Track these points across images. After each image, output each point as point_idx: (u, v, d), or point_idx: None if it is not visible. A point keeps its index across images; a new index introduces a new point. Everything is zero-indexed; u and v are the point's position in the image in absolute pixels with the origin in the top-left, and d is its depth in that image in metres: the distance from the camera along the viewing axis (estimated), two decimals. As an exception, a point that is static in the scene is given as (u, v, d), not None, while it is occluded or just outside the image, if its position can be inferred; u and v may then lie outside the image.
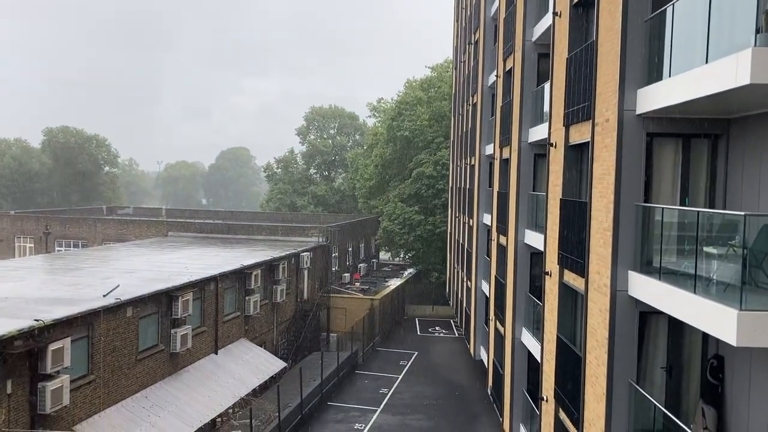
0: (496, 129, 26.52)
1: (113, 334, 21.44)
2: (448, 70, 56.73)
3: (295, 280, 38.39)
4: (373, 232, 55.67)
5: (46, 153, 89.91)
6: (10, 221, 49.39)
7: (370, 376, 34.83)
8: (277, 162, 77.21)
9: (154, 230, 47.04)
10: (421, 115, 53.29)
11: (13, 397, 17.12)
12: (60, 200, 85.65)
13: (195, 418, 22.98)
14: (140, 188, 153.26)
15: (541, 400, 17.38)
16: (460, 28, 44.30)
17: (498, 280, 25.23)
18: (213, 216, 60.38)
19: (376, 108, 65.38)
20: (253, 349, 31.29)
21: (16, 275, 27.29)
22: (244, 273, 31.28)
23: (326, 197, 71.94)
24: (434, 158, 51.11)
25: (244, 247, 40.01)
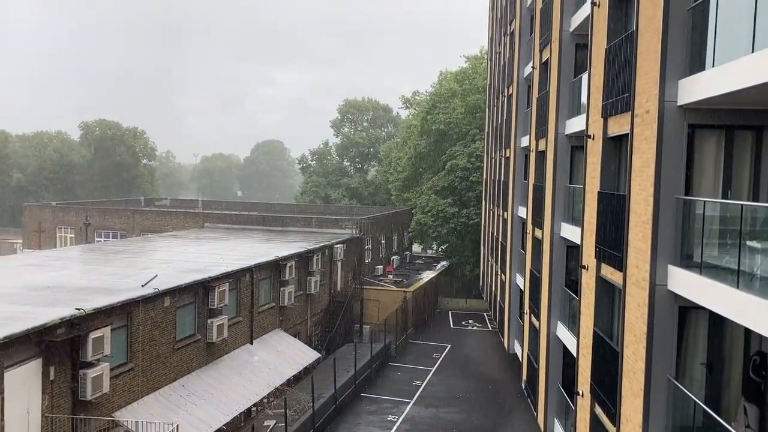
0: (532, 121, 26.23)
1: (151, 324, 21.84)
2: (482, 62, 56.25)
3: (329, 271, 38.61)
4: (406, 224, 55.63)
5: (85, 146, 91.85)
6: (52, 212, 50.60)
7: (403, 368, 34.89)
8: (312, 154, 77.64)
9: (191, 222, 47.72)
10: (456, 107, 52.98)
11: (55, 383, 17.58)
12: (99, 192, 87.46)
13: (231, 407, 23.30)
14: (177, 180, 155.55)
15: (577, 395, 17.20)
16: (496, 19, 43.86)
17: (533, 274, 25.01)
18: (248, 208, 61.00)
19: (409, 101, 65.22)
20: (287, 339, 31.59)
21: (58, 265, 27.96)
22: (279, 264, 31.56)
23: (360, 189, 72.12)
24: (468, 150, 50.81)
25: (278, 239, 40.36)
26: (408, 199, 57.15)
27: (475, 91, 54.02)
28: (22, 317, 17.54)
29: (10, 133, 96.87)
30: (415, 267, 52.95)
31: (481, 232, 48.68)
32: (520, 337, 29.41)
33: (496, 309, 38.47)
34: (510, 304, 31.84)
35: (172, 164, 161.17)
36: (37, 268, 26.66)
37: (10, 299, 20.08)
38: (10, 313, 18.15)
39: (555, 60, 21.28)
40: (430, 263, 55.10)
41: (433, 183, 52.07)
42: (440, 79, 58.22)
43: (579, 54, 20.41)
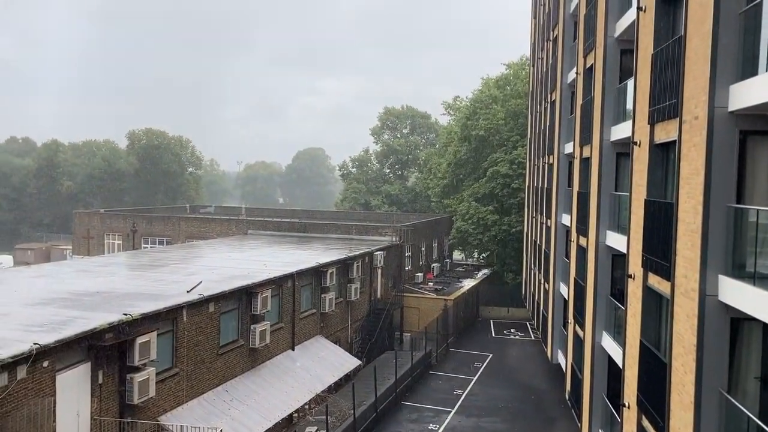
0: (576, 127, 25.89)
1: (196, 329, 22.18)
2: (524, 68, 55.80)
3: (369, 278, 38.68)
4: (447, 231, 55.41)
5: (132, 154, 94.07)
6: (100, 219, 51.94)
7: (444, 377, 34.69)
8: (352, 161, 78.03)
9: (235, 228, 48.41)
10: (497, 113, 52.64)
11: (104, 387, 17.99)
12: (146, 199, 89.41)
13: (273, 412, 23.50)
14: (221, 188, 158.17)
15: (623, 407, 16.83)
16: (538, 25, 43.50)
17: (577, 283, 24.62)
18: (290, 215, 61.62)
19: (451, 106, 65.02)
20: (328, 346, 31.73)
21: (106, 271, 28.65)
22: (320, 271, 31.76)
23: (400, 196, 72.15)
24: (510, 157, 50.39)
25: (319, 246, 40.64)
26: (448, 206, 56.94)
27: (516, 96, 53.59)
28: (72, 322, 18.02)
29: (61, 142, 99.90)
30: (456, 275, 52.66)
31: (523, 240, 48.18)
32: (564, 346, 28.96)
33: (539, 318, 37.98)
34: (553, 313, 31.40)
35: (216, 172, 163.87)
36: (87, 274, 27.36)
37: (61, 304, 20.65)
38: (61, 317, 18.66)
39: (599, 66, 20.98)
40: (471, 271, 54.74)
41: (474, 190, 51.75)
42: (482, 85, 57.93)
43: (624, 59, 20.09)
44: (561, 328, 30.38)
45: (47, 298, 21.52)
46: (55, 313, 19.32)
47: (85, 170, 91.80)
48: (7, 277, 26.47)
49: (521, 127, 51.77)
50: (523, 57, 57.76)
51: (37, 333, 16.68)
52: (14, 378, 15.01)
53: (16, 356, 14.98)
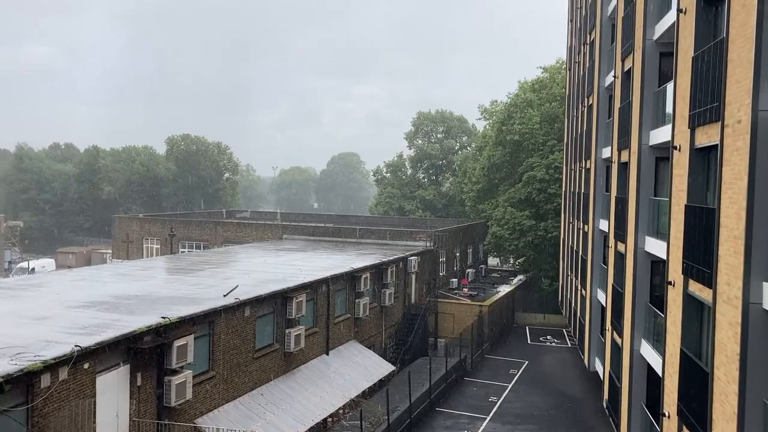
0: (614, 131, 25.50)
1: (232, 333, 22.41)
2: (560, 72, 55.22)
3: (403, 284, 38.63)
4: (482, 237, 55.05)
5: (170, 159, 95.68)
6: (139, 224, 52.91)
7: (478, 384, 34.41)
8: (386, 166, 78.09)
9: (270, 233, 48.84)
10: (532, 117, 52.17)
11: (142, 389, 18.28)
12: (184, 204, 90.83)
13: (307, 416, 23.59)
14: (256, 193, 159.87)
15: (663, 416, 16.48)
16: (575, 28, 43.02)
17: (615, 289, 24.22)
18: (324, 220, 61.95)
19: (487, 110, 64.63)
20: (362, 351, 31.75)
21: (145, 274, 29.15)
22: (354, 276, 31.82)
23: (434, 201, 71.94)
24: (546, 161, 49.87)
25: (353, 251, 40.74)
26: (483, 211, 56.57)
27: (552, 100, 53.04)
28: (112, 325, 18.37)
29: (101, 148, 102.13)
30: (491, 280, 52.27)
31: (560, 246, 47.60)
32: (602, 354, 28.49)
33: (575, 325, 37.44)
34: (591, 320, 30.92)
35: (252, 177, 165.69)
36: (126, 278, 27.88)
37: (101, 307, 21.07)
38: (102, 320, 19.04)
39: (638, 69, 20.64)
40: (507, 277, 54.28)
41: (510, 195, 51.33)
42: (518, 89, 57.50)
43: (663, 62, 19.73)
44: (598, 335, 29.90)
45: (88, 301, 21.98)
46: (95, 315, 19.72)
47: (124, 175, 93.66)
48: (49, 280, 27.13)
49: (558, 132, 51.21)
50: (560, 60, 57.19)
51: (79, 335, 17.05)
52: (56, 379, 15.35)
53: (58, 358, 15.32)
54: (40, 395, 14.91)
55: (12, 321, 18.84)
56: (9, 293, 23.38)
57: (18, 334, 17.21)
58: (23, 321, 18.87)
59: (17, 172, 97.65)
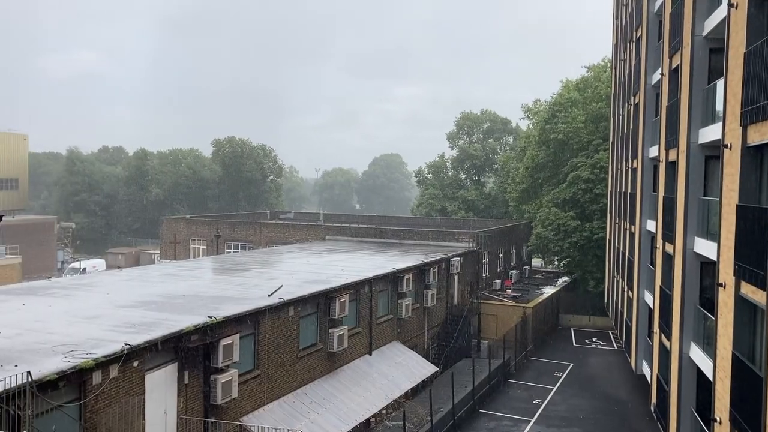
0: (662, 130, 24.96)
1: (277, 332, 22.68)
2: (605, 70, 54.30)
3: (446, 285, 38.50)
4: (525, 238, 54.47)
5: (216, 162, 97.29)
6: (186, 225, 53.97)
7: (522, 386, 34.08)
8: (428, 167, 77.89)
9: (313, 234, 49.27)
10: (577, 116, 51.42)
11: (189, 387, 18.65)
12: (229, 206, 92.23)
13: (351, 416, 23.72)
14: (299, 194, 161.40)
15: (714, 422, 16.05)
16: (620, 26, 42.26)
17: (663, 291, 23.70)
18: (366, 221, 62.16)
19: (530, 110, 63.93)
20: (405, 352, 31.76)
21: (191, 274, 29.72)
22: (397, 277, 31.86)
23: (476, 202, 71.47)
24: (591, 161, 49.09)
25: (395, 252, 40.79)
26: (526, 212, 55.97)
27: (597, 99, 52.19)
28: (160, 324, 18.79)
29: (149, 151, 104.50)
30: (535, 282, 51.69)
31: (605, 247, 46.80)
32: (649, 357, 27.90)
33: (622, 327, 36.76)
34: (637, 323, 30.32)
35: (295, 179, 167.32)
36: (173, 278, 28.47)
37: (150, 306, 21.57)
38: (150, 319, 19.49)
39: (686, 66, 20.17)
40: (551, 278, 53.60)
41: (554, 195, 50.67)
42: (562, 88, 56.75)
43: (713, 59, 19.23)
44: (646, 338, 29.31)
45: (137, 301, 22.52)
46: (144, 315, 20.20)
47: (171, 178, 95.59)
48: (100, 280, 27.89)
49: (603, 131, 50.37)
50: (605, 59, 56.24)
51: (128, 334, 17.49)
52: (107, 376, 15.77)
53: (109, 356, 15.75)
54: (92, 392, 15.35)
55: (65, 320, 19.44)
56: (62, 293, 24.12)
57: (71, 333, 17.75)
58: (76, 320, 19.45)
59: (69, 175, 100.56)
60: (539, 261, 61.99)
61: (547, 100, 59.99)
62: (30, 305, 21.43)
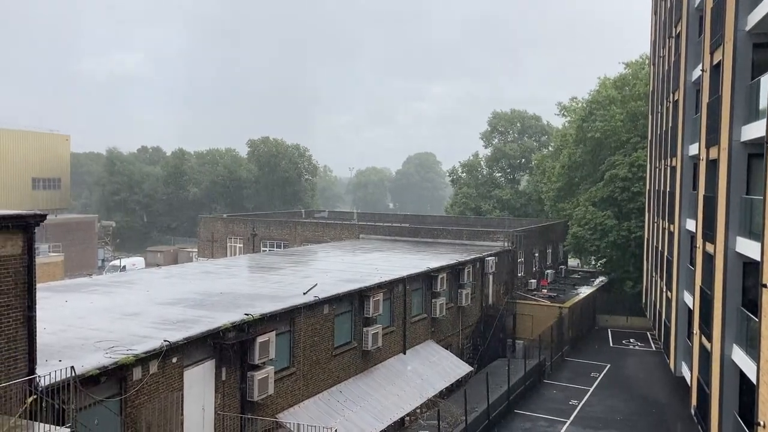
0: (702, 127, 24.46)
1: (312, 330, 22.86)
2: (644, 67, 53.40)
3: (480, 284, 38.31)
4: (561, 237, 53.88)
5: (252, 161, 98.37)
6: (223, 224, 54.71)
7: (558, 387, 33.73)
8: (462, 166, 77.58)
9: (347, 233, 49.48)
10: (615, 114, 50.67)
11: (226, 383, 18.91)
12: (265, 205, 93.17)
13: (385, 415, 23.78)
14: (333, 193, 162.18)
15: (757, 426, 15.68)
16: (659, 22, 41.51)
17: (703, 292, 23.22)
18: (400, 220, 62.20)
19: (566, 108, 63.18)
20: (439, 351, 31.71)
21: (228, 272, 30.12)
22: (431, 276, 31.82)
23: (511, 201, 70.94)
24: (629, 159, 48.34)
25: (429, 251, 40.73)
26: (562, 211, 55.36)
27: (636, 97, 51.35)
28: (198, 321, 19.09)
29: (187, 151, 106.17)
30: (571, 282, 51.10)
31: (643, 246, 46.04)
32: (689, 359, 27.37)
33: (660, 328, 36.13)
34: (677, 324, 29.77)
35: (329, 178, 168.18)
36: (211, 276, 28.89)
37: (188, 304, 21.92)
38: (189, 316, 19.81)
39: (728, 62, 19.72)
40: (588, 278, 52.92)
41: (591, 194, 50.02)
42: (599, 85, 55.97)
43: (756, 54, 18.77)
44: (685, 339, 28.75)
45: (175, 298, 22.91)
46: (182, 312, 20.54)
47: (209, 177, 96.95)
48: (140, 278, 28.45)
49: (641, 129, 49.56)
50: (643, 55, 55.31)
51: (167, 331, 17.81)
52: (147, 372, 16.09)
53: (149, 352, 16.06)
54: (133, 387, 15.67)
55: (106, 316, 19.87)
56: (103, 290, 24.66)
57: (112, 329, 18.14)
58: (116, 316, 19.87)
59: (109, 174, 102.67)
60: (575, 260, 61.27)
61: (583, 98, 59.29)
62: (72, 302, 21.96)
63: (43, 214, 12.87)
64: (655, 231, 38.99)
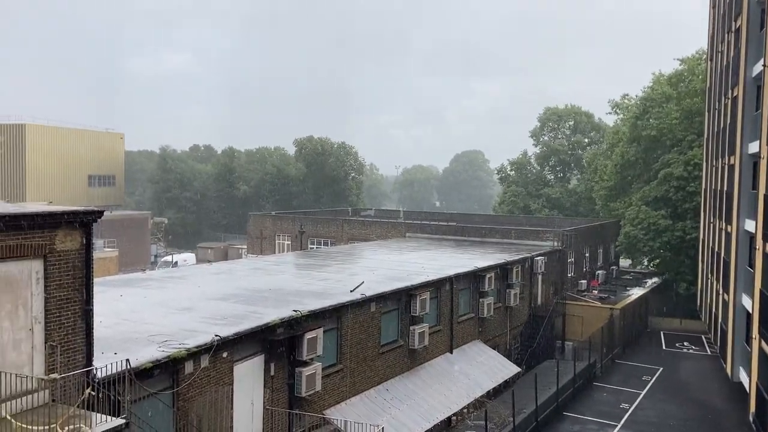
0: (763, 125, 23.60)
1: (359, 328, 22.92)
2: (700, 63, 51.82)
3: (529, 284, 37.81)
4: (613, 237, 52.77)
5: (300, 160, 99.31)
6: (272, 221, 55.41)
7: (608, 389, 33.05)
8: (511, 164, 76.68)
9: (393, 231, 49.47)
10: (670, 112, 49.33)
11: (275, 379, 19.11)
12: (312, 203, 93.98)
13: (432, 414, 23.69)
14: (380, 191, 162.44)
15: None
16: (718, 15, 40.22)
17: (763, 294, 22.41)
18: (446, 218, 61.87)
19: (618, 105, 61.79)
20: (486, 351, 31.43)
21: (277, 269, 30.46)
22: (478, 275, 31.54)
23: (561, 200, 69.79)
24: (684, 158, 47.03)
25: (476, 250, 40.39)
26: (615, 210, 54.19)
27: (692, 94, 49.89)
28: (248, 316, 19.35)
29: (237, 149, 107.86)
30: (623, 282, 50.01)
31: (699, 247, 44.73)
32: (747, 364, 26.47)
33: (716, 331, 35.04)
34: (734, 328, 28.83)
35: (375, 176, 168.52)
36: (260, 272, 29.26)
37: (237, 299, 22.24)
38: (238, 312, 20.09)
39: (792, 55, 18.96)
40: (640, 279, 51.70)
41: (644, 193, 48.83)
42: (652, 82, 54.58)
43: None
44: (743, 343, 27.81)
45: (226, 294, 23.27)
46: (232, 307, 20.84)
47: (258, 175, 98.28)
48: (192, 273, 29.01)
49: (697, 126, 48.14)
50: (700, 51, 53.67)
51: (218, 326, 18.09)
52: (198, 366, 16.37)
53: (200, 346, 16.34)
54: (184, 381, 15.97)
55: (159, 311, 20.31)
56: (156, 285, 25.23)
57: (164, 323, 18.52)
58: (169, 311, 20.29)
59: (162, 172, 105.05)
60: (627, 261, 59.97)
61: (636, 95, 57.89)
62: (127, 296, 22.51)
63: (100, 211, 13.21)
64: (711, 231, 37.85)
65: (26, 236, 11.96)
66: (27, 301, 12.06)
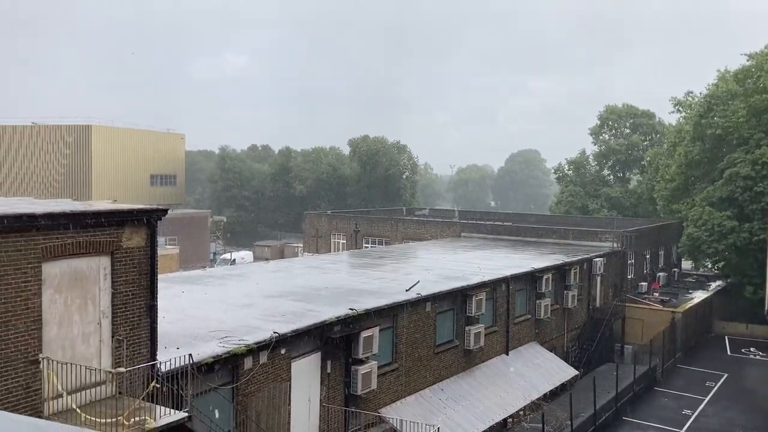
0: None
1: (414, 327, 22.92)
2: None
3: (587, 286, 37.09)
4: (675, 238, 51.22)
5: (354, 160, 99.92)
6: (327, 220, 55.94)
7: (670, 395, 32.13)
8: (568, 164, 75.29)
9: (448, 231, 49.24)
10: (736, 110, 47.56)
11: (331, 376, 19.30)
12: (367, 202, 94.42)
13: (487, 415, 23.52)
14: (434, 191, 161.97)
15: None
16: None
17: (838, 300, 21.38)
18: (502, 218, 61.20)
19: (681, 103, 59.90)
20: (543, 353, 30.99)
21: (332, 268, 30.73)
22: (535, 276, 31.12)
23: (621, 200, 68.13)
24: (752, 157, 45.25)
25: (533, 250, 39.85)
26: (677, 211, 52.58)
27: (760, 91, 47.94)
28: (305, 314, 19.59)
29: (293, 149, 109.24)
30: (685, 285, 48.50)
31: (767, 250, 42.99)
32: (819, 372, 25.30)
33: (785, 338, 33.63)
34: (805, 334, 27.59)
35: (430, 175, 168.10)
36: (316, 270, 29.58)
37: (294, 297, 22.53)
38: (296, 309, 20.36)
39: None
40: (703, 282, 50.03)
41: (709, 194, 47.22)
42: (717, 79, 52.71)
43: None
44: (816, 351, 26.60)
45: (283, 291, 23.61)
46: (290, 305, 21.13)
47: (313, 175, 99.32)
48: (251, 271, 29.56)
49: (765, 124, 46.26)
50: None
51: (276, 323, 18.38)
52: (257, 362, 16.67)
53: (259, 343, 16.64)
54: (244, 376, 16.29)
55: (219, 307, 20.76)
56: (216, 282, 25.80)
57: (224, 320, 18.92)
58: (229, 307, 20.72)
59: (221, 171, 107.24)
60: (689, 263, 58.12)
61: (700, 92, 56.01)
62: (188, 293, 23.08)
63: (164, 209, 13.61)
64: (781, 233, 36.31)
65: (95, 233, 12.41)
66: (95, 296, 12.52)
